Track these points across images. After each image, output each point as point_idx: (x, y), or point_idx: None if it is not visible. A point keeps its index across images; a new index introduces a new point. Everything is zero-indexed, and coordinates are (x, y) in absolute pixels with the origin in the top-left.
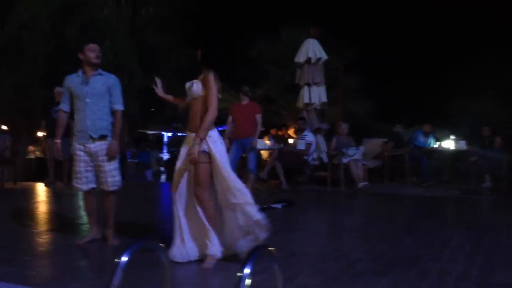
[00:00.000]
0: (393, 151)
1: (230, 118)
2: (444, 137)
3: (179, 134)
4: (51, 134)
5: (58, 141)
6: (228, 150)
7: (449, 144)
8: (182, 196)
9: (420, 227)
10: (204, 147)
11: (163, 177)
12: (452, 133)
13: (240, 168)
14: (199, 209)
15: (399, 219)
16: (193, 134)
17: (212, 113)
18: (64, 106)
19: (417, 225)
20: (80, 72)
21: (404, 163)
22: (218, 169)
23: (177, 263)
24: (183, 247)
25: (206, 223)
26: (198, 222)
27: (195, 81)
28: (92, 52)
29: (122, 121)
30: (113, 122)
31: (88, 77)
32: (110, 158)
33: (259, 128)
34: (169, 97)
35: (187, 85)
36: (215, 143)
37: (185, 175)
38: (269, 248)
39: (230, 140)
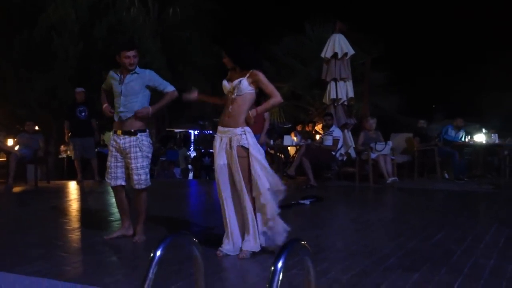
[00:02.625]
0: (422, 146)
1: None
2: (475, 131)
3: (205, 132)
4: (74, 134)
5: (107, 106)
6: None
7: (481, 138)
8: (226, 190)
9: (452, 222)
10: (244, 142)
11: (190, 175)
12: (483, 127)
13: None
14: (242, 202)
15: (430, 214)
16: (227, 128)
17: (278, 98)
18: (104, 85)
19: (448, 221)
20: (118, 71)
21: (434, 158)
22: (255, 164)
23: (210, 257)
24: (232, 241)
25: (248, 216)
26: (241, 215)
27: (242, 78)
28: (127, 58)
29: (168, 101)
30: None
31: (124, 76)
32: (136, 113)
33: (267, 125)
34: (212, 98)
35: (234, 83)
36: (253, 138)
37: (226, 170)
38: (303, 242)
39: None
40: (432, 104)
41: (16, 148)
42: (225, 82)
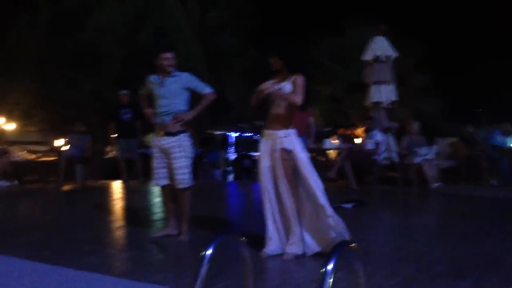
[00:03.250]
0: (468, 151)
1: None
2: None
3: (244, 134)
4: (120, 136)
5: (149, 110)
6: None
7: None
8: (269, 192)
9: (501, 230)
10: (288, 145)
11: (230, 177)
12: None
13: None
14: (285, 205)
15: (478, 221)
16: (271, 131)
17: (295, 99)
18: (143, 91)
19: (498, 228)
20: (158, 75)
21: (480, 163)
22: (300, 167)
23: (253, 257)
24: (278, 241)
25: (292, 219)
26: (284, 217)
27: (286, 82)
28: (165, 60)
29: (206, 104)
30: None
31: (164, 79)
32: (174, 118)
33: (313, 131)
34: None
35: (277, 85)
36: (297, 141)
37: (270, 172)
38: (352, 245)
39: None
40: (477, 107)
41: (66, 147)
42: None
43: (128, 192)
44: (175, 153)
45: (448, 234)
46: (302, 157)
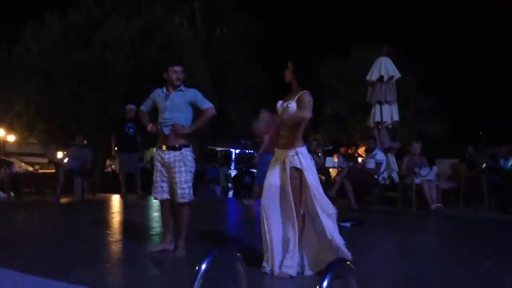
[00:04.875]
0: (469, 173)
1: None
2: None
3: (246, 151)
4: (121, 150)
5: (150, 125)
6: None
7: None
8: (271, 210)
9: (499, 253)
10: (297, 163)
11: (230, 193)
12: None
13: None
14: (289, 223)
15: (477, 243)
16: (280, 150)
17: (307, 114)
18: (143, 107)
19: (496, 252)
20: (164, 88)
21: (480, 185)
22: (308, 186)
23: (255, 273)
24: (273, 261)
25: (291, 238)
26: (284, 236)
27: (291, 101)
28: (174, 73)
29: (205, 119)
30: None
31: (170, 93)
32: (173, 130)
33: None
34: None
35: (281, 104)
36: (306, 160)
37: (277, 191)
38: (348, 263)
39: None
40: (479, 130)
41: (66, 160)
42: (278, 104)
43: (126, 206)
44: (178, 167)
45: (447, 256)
46: (310, 177)
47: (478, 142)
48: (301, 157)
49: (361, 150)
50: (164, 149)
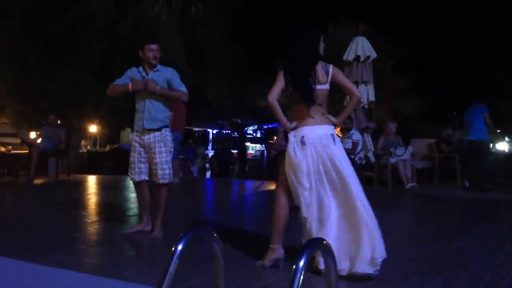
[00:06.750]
0: (442, 153)
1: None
2: (498, 139)
3: (224, 131)
4: None
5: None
6: None
7: (504, 146)
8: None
9: (472, 230)
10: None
11: (208, 173)
12: (506, 135)
13: None
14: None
15: (450, 221)
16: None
17: (356, 97)
18: (117, 82)
19: (468, 228)
20: (140, 68)
21: (454, 164)
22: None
23: (234, 257)
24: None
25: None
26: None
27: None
28: (150, 52)
29: (175, 95)
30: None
31: (147, 73)
32: (147, 82)
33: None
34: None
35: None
36: (338, 144)
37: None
38: (324, 242)
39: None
40: (453, 110)
41: (39, 141)
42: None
43: (102, 187)
44: (158, 148)
45: (420, 234)
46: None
47: (453, 122)
48: (336, 141)
49: (337, 130)
50: (142, 131)
